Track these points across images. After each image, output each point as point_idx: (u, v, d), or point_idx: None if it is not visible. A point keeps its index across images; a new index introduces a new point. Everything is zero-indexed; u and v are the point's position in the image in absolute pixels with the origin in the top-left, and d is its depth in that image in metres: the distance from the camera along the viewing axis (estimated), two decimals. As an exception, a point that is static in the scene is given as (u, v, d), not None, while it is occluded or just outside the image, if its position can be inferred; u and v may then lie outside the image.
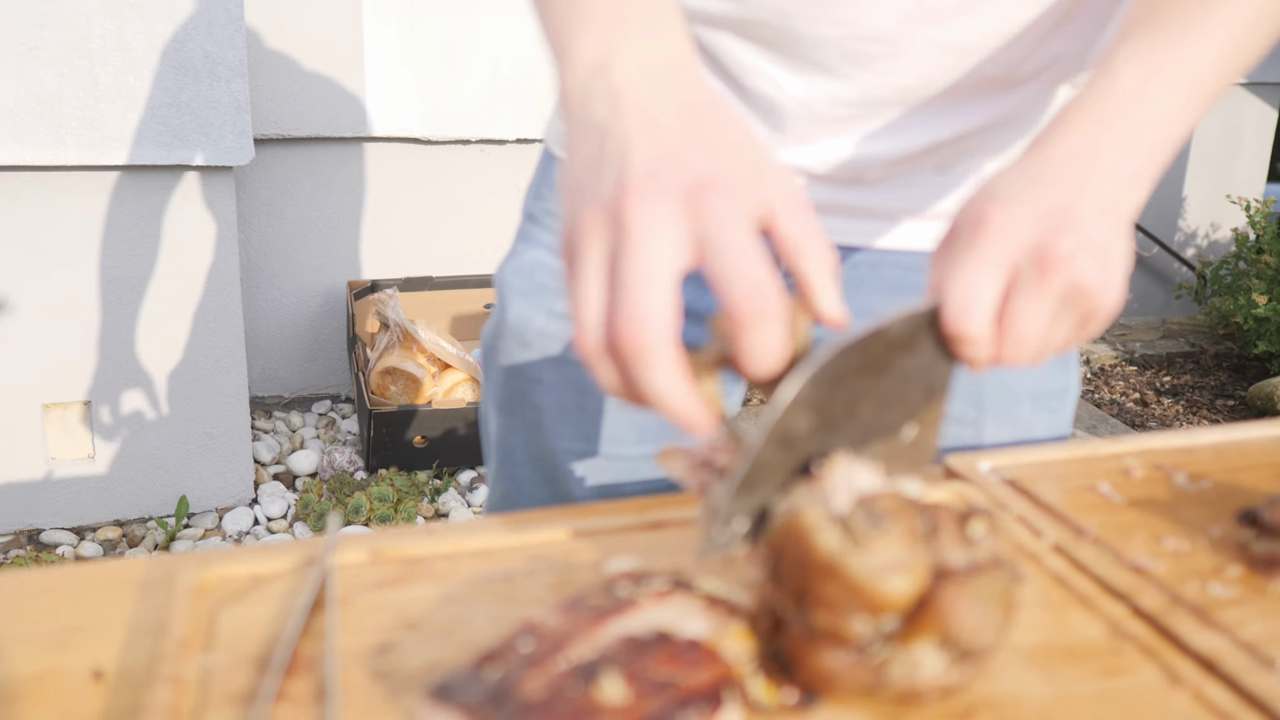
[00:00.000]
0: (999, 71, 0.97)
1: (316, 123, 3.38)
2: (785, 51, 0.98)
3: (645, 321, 0.60)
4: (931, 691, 0.64)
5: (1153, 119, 0.78)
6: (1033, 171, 0.75)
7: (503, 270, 1.19)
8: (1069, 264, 0.70)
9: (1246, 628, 0.73)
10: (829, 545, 0.61)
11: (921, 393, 0.75)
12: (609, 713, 0.57)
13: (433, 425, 2.98)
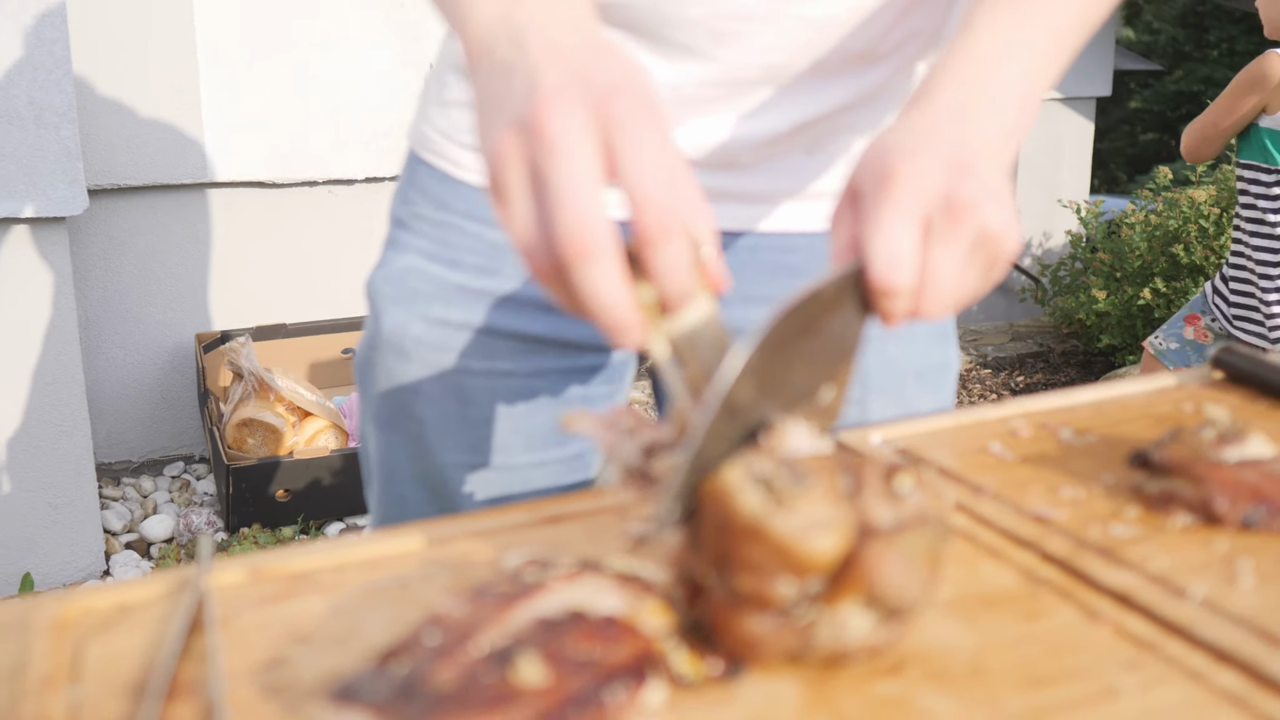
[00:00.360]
0: (861, 46, 0.98)
1: (153, 170, 3.25)
2: (652, 35, 0.97)
3: (583, 224, 0.60)
4: (859, 652, 0.62)
5: (1016, 76, 0.80)
6: (921, 126, 0.75)
7: (373, 279, 1.14)
8: (976, 210, 0.70)
9: (1153, 562, 0.74)
10: (751, 506, 0.58)
11: (837, 354, 0.73)
12: (529, 695, 0.54)
13: (296, 477, 2.87)
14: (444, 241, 1.09)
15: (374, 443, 1.17)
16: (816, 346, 0.70)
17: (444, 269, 1.09)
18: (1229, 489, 0.79)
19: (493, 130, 0.67)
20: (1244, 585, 0.70)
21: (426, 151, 1.13)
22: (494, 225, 1.07)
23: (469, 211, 1.08)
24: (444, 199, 1.10)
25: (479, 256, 1.08)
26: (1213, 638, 0.65)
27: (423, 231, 1.11)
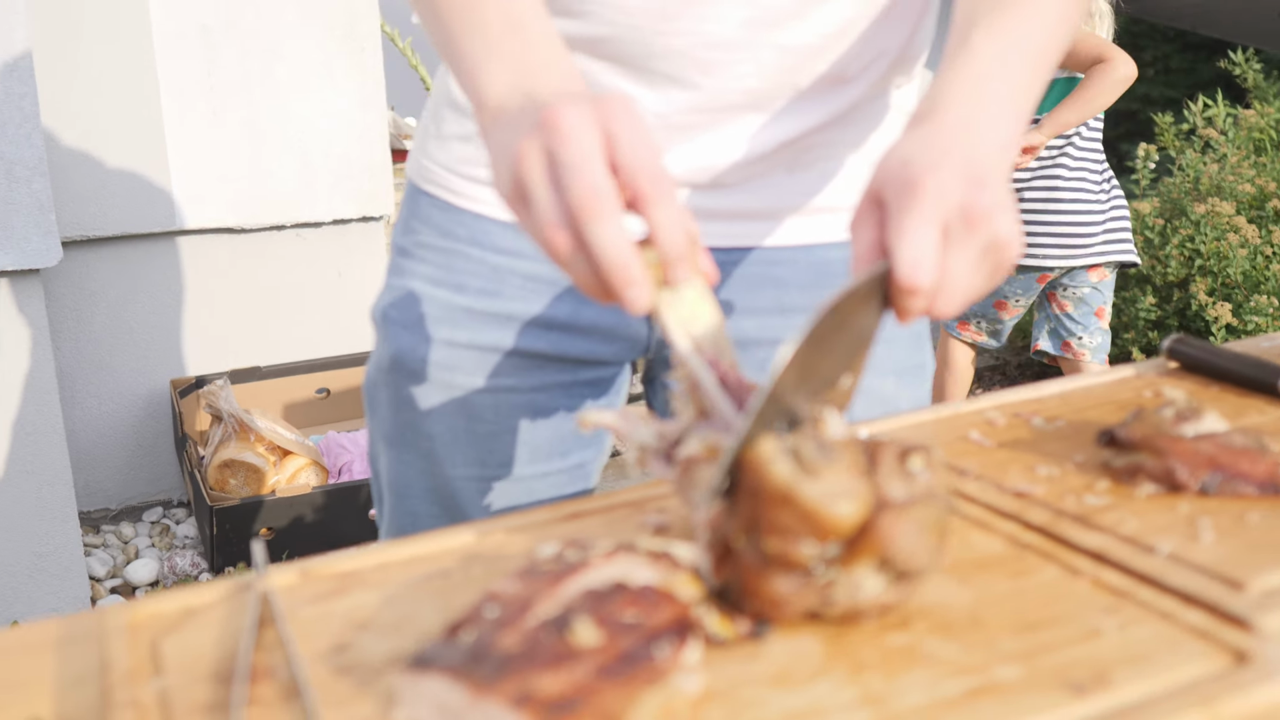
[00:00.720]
0: (833, 69, 1.06)
1: (122, 220, 3.29)
2: (640, 66, 1.05)
3: (594, 188, 0.72)
4: (871, 609, 0.69)
5: (1010, 92, 0.88)
6: (936, 140, 0.82)
7: (380, 306, 1.21)
8: (990, 220, 0.77)
9: (1124, 525, 0.82)
10: (783, 473, 0.66)
11: (857, 345, 0.81)
12: (588, 653, 0.60)
13: (279, 515, 2.91)
14: (448, 267, 1.16)
15: (385, 461, 1.23)
16: (843, 340, 0.78)
17: (450, 293, 1.15)
18: (1188, 460, 0.87)
19: (511, 146, 0.78)
20: (1205, 540, 0.79)
21: (427, 183, 1.19)
22: (495, 250, 1.14)
23: (470, 238, 1.15)
24: (446, 227, 1.17)
25: (482, 280, 1.15)
26: (1179, 584, 0.73)
27: (427, 259, 1.17)
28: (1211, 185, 4.09)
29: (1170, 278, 3.92)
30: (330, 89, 3.53)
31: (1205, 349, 1.15)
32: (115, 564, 3.13)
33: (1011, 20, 0.90)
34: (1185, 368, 1.18)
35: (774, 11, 1.01)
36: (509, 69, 0.85)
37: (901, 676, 0.64)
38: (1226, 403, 1.08)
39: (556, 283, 1.14)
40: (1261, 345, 1.26)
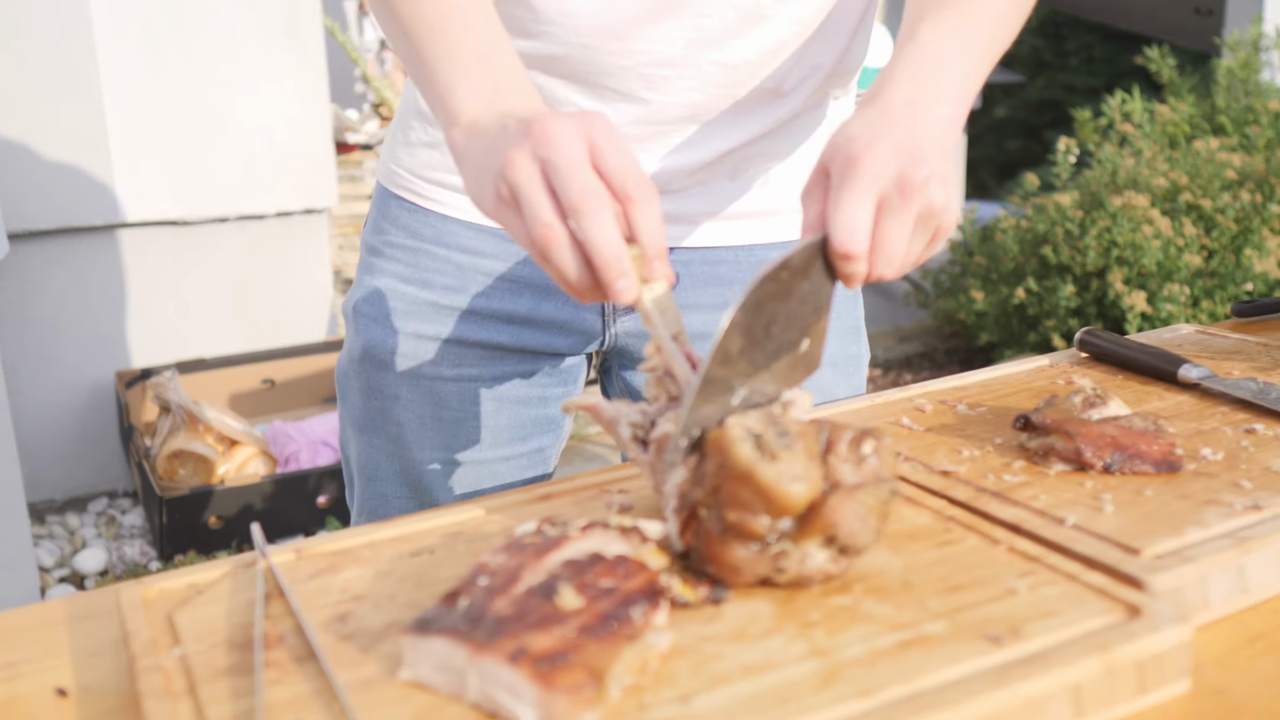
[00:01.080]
0: (771, 84, 1.15)
1: (65, 213, 3.29)
2: (591, 83, 1.13)
3: (588, 187, 0.81)
4: (817, 578, 0.78)
5: (956, 76, 0.96)
6: (880, 119, 0.90)
7: (351, 301, 1.28)
8: (924, 189, 0.86)
9: (1037, 500, 0.92)
10: (747, 454, 0.75)
11: (812, 311, 0.90)
12: (571, 615, 0.69)
13: (228, 504, 2.95)
14: (416, 265, 1.23)
15: (355, 447, 1.30)
16: (791, 307, 0.87)
17: (417, 289, 1.23)
18: (1094, 441, 0.97)
19: (496, 155, 0.85)
20: (1106, 512, 0.89)
21: (396, 187, 1.27)
22: (460, 250, 1.22)
23: (436, 238, 1.23)
24: (414, 228, 1.24)
25: (447, 277, 1.22)
26: (1084, 550, 0.83)
27: (396, 257, 1.25)
28: (1128, 178, 4.25)
29: (1089, 267, 4.08)
30: (273, 83, 3.55)
31: (1113, 340, 1.27)
32: (63, 554, 3.15)
33: (956, 13, 0.99)
34: (1094, 358, 1.29)
35: (715, 32, 1.09)
36: (481, 91, 0.94)
37: (843, 632, 0.73)
38: (1130, 390, 1.19)
39: (517, 280, 1.22)
40: (1164, 336, 1.38)
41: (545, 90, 1.15)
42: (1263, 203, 3.98)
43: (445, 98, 0.94)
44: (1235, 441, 1.02)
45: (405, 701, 0.68)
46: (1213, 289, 3.95)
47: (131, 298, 3.49)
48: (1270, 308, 1.49)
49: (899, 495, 0.91)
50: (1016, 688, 0.66)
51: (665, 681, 0.69)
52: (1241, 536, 0.83)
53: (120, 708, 0.76)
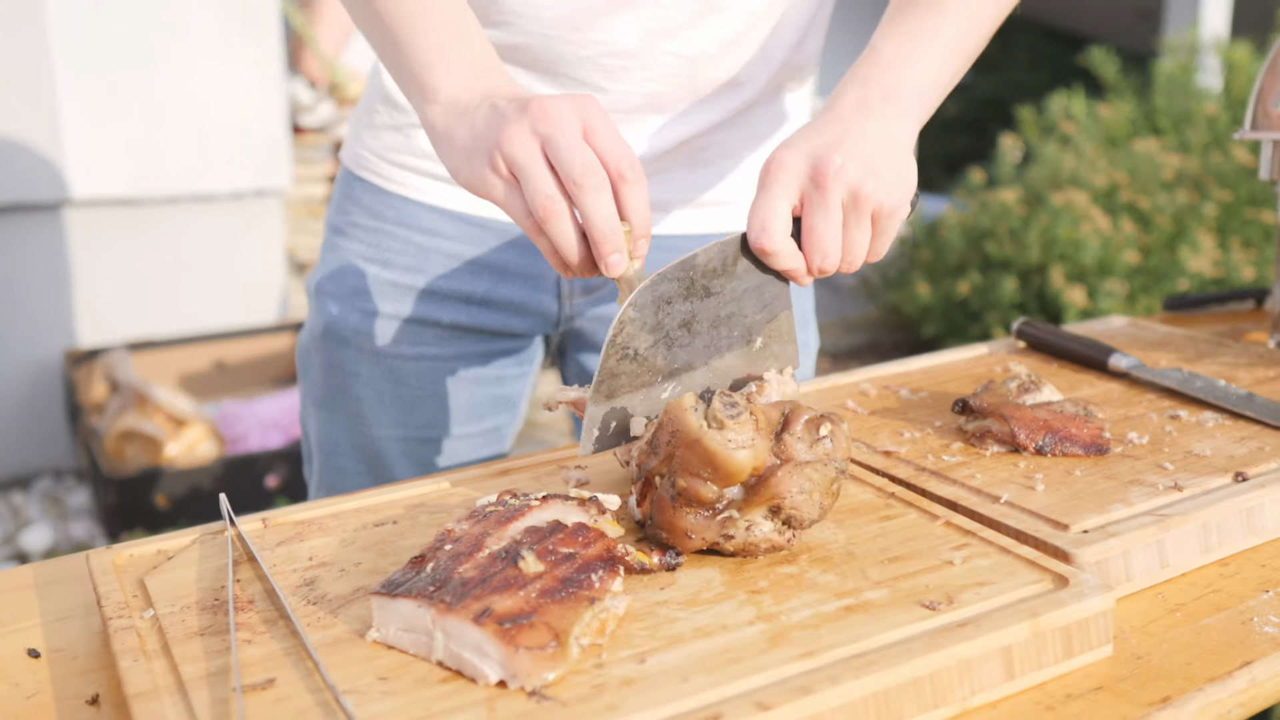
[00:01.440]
0: (726, 75, 1.19)
1: (14, 190, 3.26)
2: (552, 72, 1.16)
3: (588, 165, 0.85)
4: (762, 547, 0.83)
5: (911, 75, 0.99)
6: (816, 124, 0.95)
7: (315, 278, 1.31)
8: (840, 176, 0.90)
9: (974, 479, 0.97)
10: (695, 422, 0.79)
11: (759, 310, 0.95)
12: (533, 578, 0.73)
13: (177, 485, 2.94)
14: (377, 245, 1.26)
15: (314, 423, 1.33)
16: (717, 305, 0.92)
17: (378, 268, 1.26)
18: (1027, 425, 1.03)
19: (490, 130, 0.88)
20: (1038, 491, 0.94)
21: (360, 169, 1.29)
22: (420, 231, 1.25)
23: (398, 219, 1.26)
24: (376, 209, 1.27)
25: (408, 258, 1.25)
26: (1016, 525, 0.88)
27: (358, 237, 1.27)
28: (1069, 176, 4.35)
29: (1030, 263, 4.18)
30: (227, 62, 3.53)
31: (1048, 330, 1.32)
32: (7, 532, 3.13)
33: (917, 19, 1.02)
34: (1031, 347, 1.35)
35: (672, 24, 1.13)
36: (458, 70, 0.96)
37: (790, 599, 0.78)
38: (1064, 377, 1.25)
39: (476, 261, 1.25)
40: (1096, 328, 1.44)
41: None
42: (1198, 203, 4.09)
43: (421, 76, 0.97)
44: (1160, 427, 1.08)
45: (373, 660, 0.71)
46: (1149, 285, 4.06)
47: (81, 276, 3.46)
48: (1198, 302, 1.56)
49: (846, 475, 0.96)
50: (951, 650, 0.71)
51: (622, 643, 0.72)
52: (1162, 514, 0.89)
53: (91, 668, 0.79)
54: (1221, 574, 0.88)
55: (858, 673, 0.68)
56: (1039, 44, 10.49)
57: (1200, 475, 0.95)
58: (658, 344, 0.89)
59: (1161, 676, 0.75)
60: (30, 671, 0.78)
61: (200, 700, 0.68)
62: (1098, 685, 0.74)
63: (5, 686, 0.76)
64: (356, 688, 0.68)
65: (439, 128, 0.95)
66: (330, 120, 3.90)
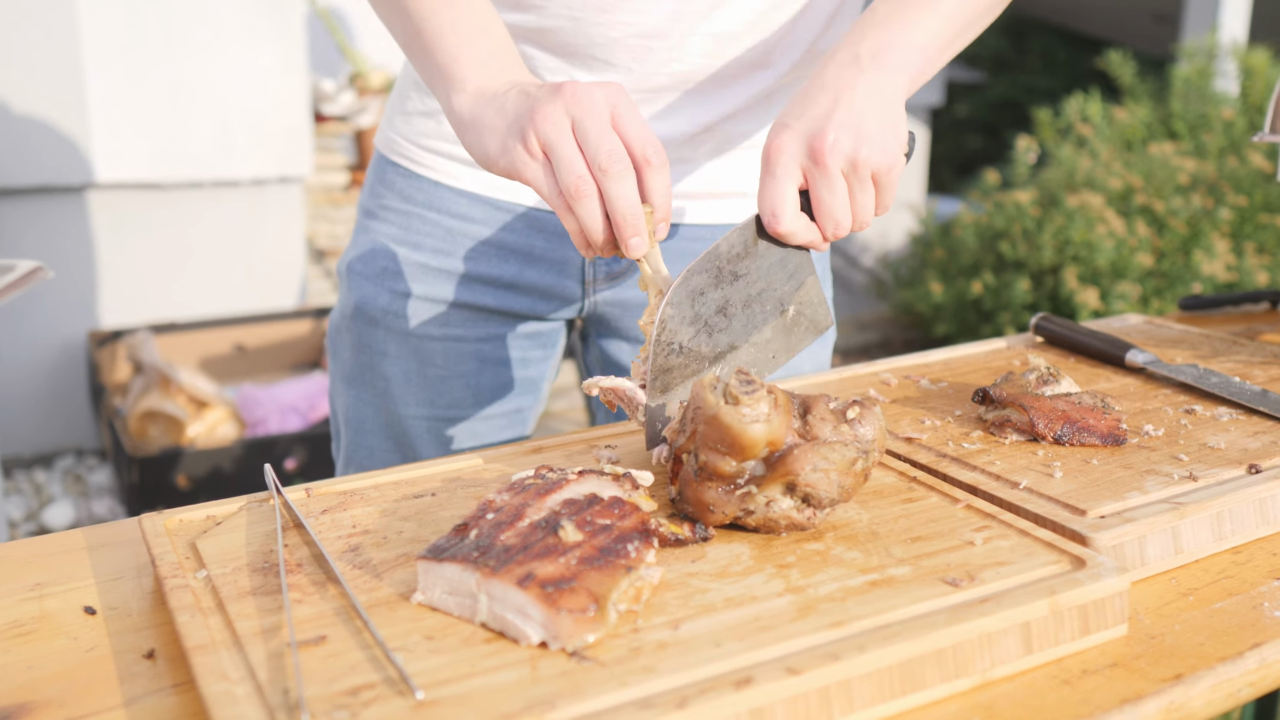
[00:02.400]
0: (753, 55, 1.21)
1: (40, 173, 3.30)
2: (580, 54, 1.19)
3: (616, 152, 0.91)
4: (784, 524, 0.86)
5: (904, 32, 1.02)
6: (808, 91, 1.00)
7: (346, 259, 1.35)
8: (835, 150, 0.95)
9: (993, 465, 1.00)
10: (713, 399, 0.82)
11: (785, 280, 1.00)
12: (573, 546, 0.76)
13: (198, 465, 2.98)
14: (407, 227, 1.30)
15: (343, 400, 1.37)
16: (747, 286, 0.97)
17: (408, 250, 1.29)
18: (1046, 415, 1.05)
19: (523, 113, 0.92)
20: (1056, 478, 0.97)
21: (392, 153, 1.33)
22: (450, 215, 1.28)
23: (428, 203, 1.29)
24: (408, 192, 1.30)
25: (437, 240, 1.29)
26: (1035, 510, 0.91)
27: (390, 220, 1.31)
28: (1084, 179, 4.37)
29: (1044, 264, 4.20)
30: (251, 51, 3.57)
31: (1066, 326, 1.35)
32: (30, 509, 3.17)
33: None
34: (1049, 341, 1.38)
35: (698, 4, 1.16)
36: (486, 62, 1.01)
37: (817, 573, 0.81)
38: (1081, 371, 1.27)
39: (503, 246, 1.28)
40: (1113, 325, 1.46)
41: (534, 60, 1.21)
42: (1213, 207, 4.11)
43: (449, 67, 1.01)
44: (1175, 420, 1.11)
45: (419, 621, 0.75)
46: (1162, 288, 4.08)
47: (105, 259, 3.50)
48: (1213, 303, 1.58)
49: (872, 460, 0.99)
50: (973, 623, 0.74)
51: (656, 610, 0.76)
52: (1177, 502, 0.91)
53: (145, 625, 0.82)
54: (1234, 561, 0.91)
55: (884, 642, 0.71)
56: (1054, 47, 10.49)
57: (1215, 467, 0.98)
58: (699, 333, 0.94)
59: (1174, 655, 0.78)
60: (87, 627, 0.81)
61: (256, 653, 0.71)
62: (1113, 662, 0.77)
63: (64, 641, 0.79)
64: (404, 645, 0.72)
65: (466, 115, 0.99)
66: (352, 109, 3.93)
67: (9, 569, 0.89)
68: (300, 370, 3.59)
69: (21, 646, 0.78)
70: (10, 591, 0.86)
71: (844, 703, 0.70)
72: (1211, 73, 4.85)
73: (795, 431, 0.86)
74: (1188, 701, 0.75)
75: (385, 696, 0.66)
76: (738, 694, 0.66)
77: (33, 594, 0.86)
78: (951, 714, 0.72)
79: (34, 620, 0.82)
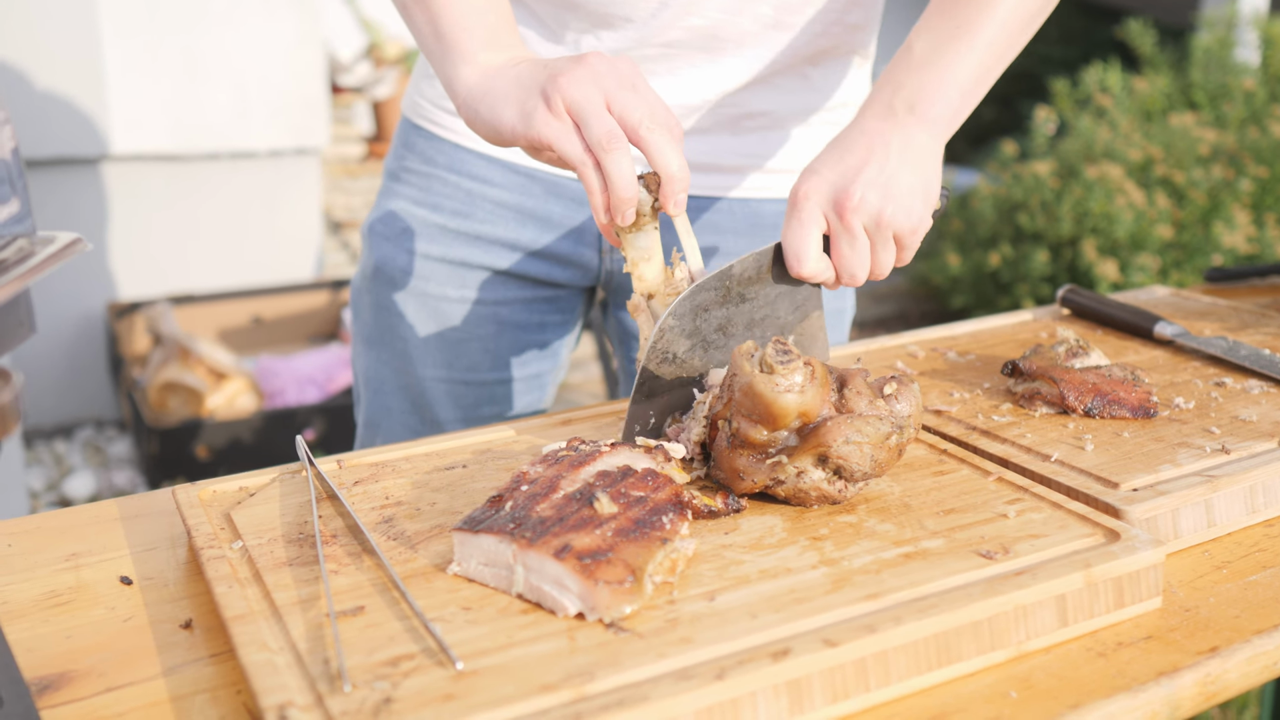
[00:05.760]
0: (772, 13, 1.18)
1: (58, 143, 3.30)
2: (597, 10, 1.17)
3: (654, 112, 0.92)
4: (814, 495, 0.85)
5: (941, 77, 1.02)
6: (842, 142, 1.00)
7: (369, 221, 1.36)
8: (861, 208, 0.96)
9: (1024, 438, 1.00)
10: (749, 368, 0.83)
11: (791, 311, 1.02)
12: (608, 518, 0.76)
13: (217, 436, 2.99)
14: (428, 189, 1.30)
15: (363, 360, 1.37)
16: (752, 309, 0.99)
17: (428, 212, 1.30)
18: (1076, 387, 1.05)
19: (542, 78, 0.93)
20: (1088, 450, 0.97)
21: (417, 117, 1.33)
22: (470, 177, 1.28)
23: (449, 165, 1.30)
24: (429, 154, 1.31)
25: (456, 202, 1.29)
26: (1067, 483, 0.91)
27: (411, 182, 1.32)
28: (1103, 150, 4.33)
29: (1063, 236, 4.17)
30: (268, 22, 3.55)
31: (1093, 298, 1.34)
32: (51, 479, 3.19)
33: (954, 17, 1.04)
34: (1075, 314, 1.37)
35: None
36: (493, 37, 1.02)
37: (850, 546, 0.81)
38: (1109, 343, 1.27)
39: (522, 210, 1.28)
40: (1140, 297, 1.46)
41: (547, 19, 1.20)
42: (1234, 178, 4.08)
43: (456, 38, 1.01)
44: (1206, 393, 1.10)
45: (455, 592, 0.75)
46: (1182, 261, 4.05)
47: (123, 230, 3.50)
48: (1240, 274, 1.57)
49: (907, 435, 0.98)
50: (1009, 596, 0.74)
51: (692, 582, 0.76)
52: (1210, 475, 0.91)
53: (181, 595, 0.82)
54: (1267, 534, 0.91)
55: (920, 614, 0.71)
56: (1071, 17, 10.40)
57: (1247, 439, 0.98)
58: (694, 347, 0.97)
59: (1210, 628, 0.78)
60: (124, 598, 0.82)
61: (295, 624, 0.71)
62: (1147, 635, 0.77)
63: (102, 611, 0.80)
64: (442, 616, 0.72)
65: (473, 84, 0.99)
66: (368, 80, 3.92)
67: (44, 539, 0.90)
68: (318, 341, 3.59)
69: (59, 616, 0.79)
70: (46, 562, 0.87)
71: (880, 674, 0.70)
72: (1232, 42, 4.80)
73: (832, 405, 0.86)
74: (1223, 674, 0.75)
75: (425, 667, 0.67)
76: (775, 665, 0.66)
77: (68, 564, 0.86)
78: (987, 686, 0.72)
79: (71, 590, 0.82)
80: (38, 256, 0.66)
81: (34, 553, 0.88)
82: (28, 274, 0.65)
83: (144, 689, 0.71)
